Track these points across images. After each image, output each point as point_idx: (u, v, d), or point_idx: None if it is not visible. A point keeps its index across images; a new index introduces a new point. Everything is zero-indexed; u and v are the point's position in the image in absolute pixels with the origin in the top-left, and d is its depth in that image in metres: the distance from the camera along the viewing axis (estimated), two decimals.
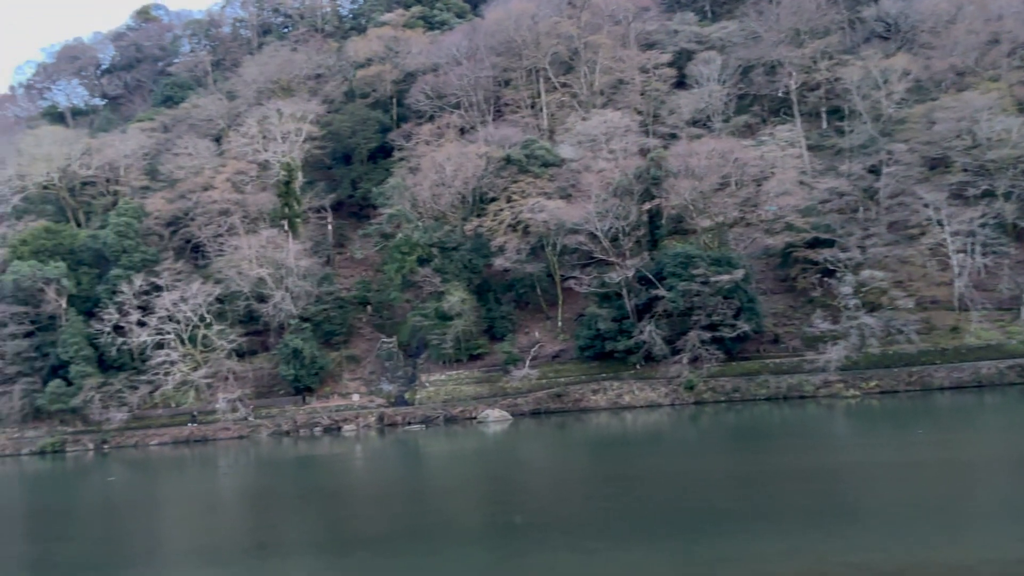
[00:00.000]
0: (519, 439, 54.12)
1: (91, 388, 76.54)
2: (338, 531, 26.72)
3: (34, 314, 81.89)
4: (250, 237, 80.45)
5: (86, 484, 52.89)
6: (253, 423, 74.34)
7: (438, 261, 74.36)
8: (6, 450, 79.64)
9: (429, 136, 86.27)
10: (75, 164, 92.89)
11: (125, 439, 76.46)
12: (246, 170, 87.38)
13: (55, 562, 25.85)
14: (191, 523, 32.28)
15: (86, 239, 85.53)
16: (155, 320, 76.52)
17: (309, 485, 39.70)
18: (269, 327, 79.87)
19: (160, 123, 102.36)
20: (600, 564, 19.83)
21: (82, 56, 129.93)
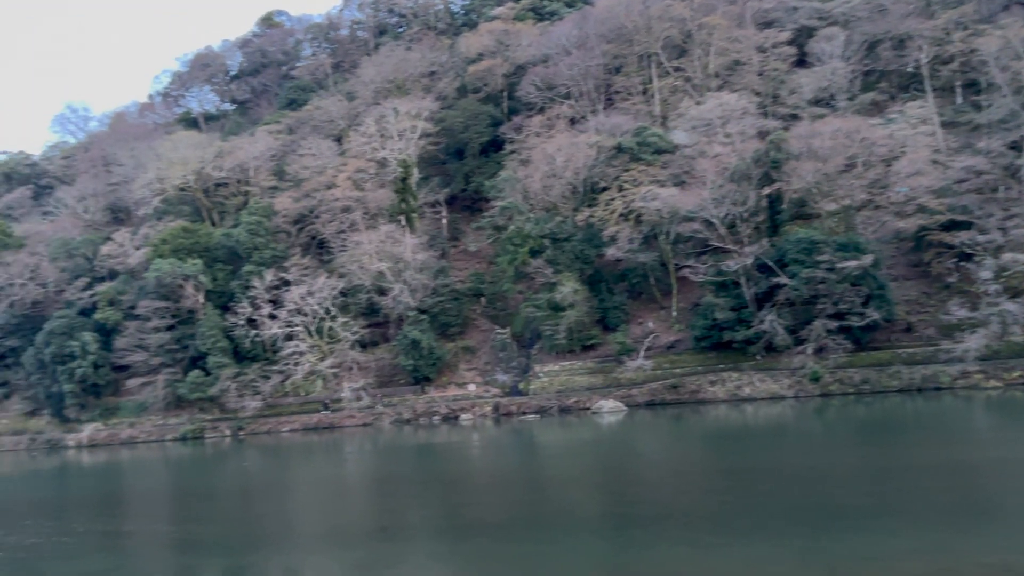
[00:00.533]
0: (634, 430, 53.61)
1: (227, 378, 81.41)
2: (457, 517, 27.32)
3: (175, 309, 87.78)
4: (370, 232, 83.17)
5: (223, 468, 56.31)
6: (377, 411, 76.99)
7: (550, 252, 74.51)
8: (151, 436, 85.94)
9: (539, 128, 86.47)
10: (209, 167, 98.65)
11: (259, 426, 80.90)
12: (365, 168, 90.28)
13: (195, 542, 27.67)
14: (319, 507, 33.80)
15: (220, 237, 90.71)
16: (285, 313, 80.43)
17: (429, 472, 40.78)
18: (389, 319, 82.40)
19: (285, 125, 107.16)
20: (720, 559, 19.42)
21: (212, 64, 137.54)
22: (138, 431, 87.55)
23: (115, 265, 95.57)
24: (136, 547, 27.74)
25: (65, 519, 36.14)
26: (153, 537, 29.56)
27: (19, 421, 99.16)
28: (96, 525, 33.51)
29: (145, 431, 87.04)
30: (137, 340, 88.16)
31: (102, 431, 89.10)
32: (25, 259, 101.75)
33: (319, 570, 21.72)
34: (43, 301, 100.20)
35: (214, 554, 24.99)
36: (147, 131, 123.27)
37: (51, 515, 37.80)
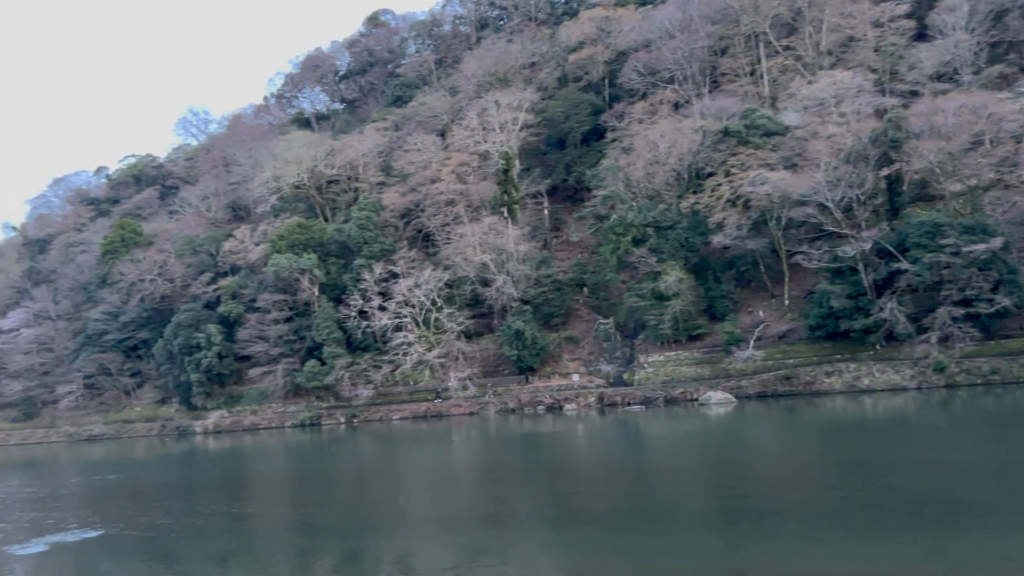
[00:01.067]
0: (745, 422, 52.24)
1: (341, 368, 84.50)
2: (564, 506, 27.41)
3: (292, 301, 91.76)
4: (473, 225, 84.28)
5: (338, 454, 58.44)
6: (483, 400, 78.10)
7: (654, 241, 73.43)
8: (272, 423, 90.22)
9: (642, 114, 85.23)
10: (321, 165, 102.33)
11: (371, 414, 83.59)
12: (468, 161, 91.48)
13: (314, 524, 28.88)
14: (429, 492, 34.62)
15: (333, 232, 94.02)
16: (393, 305, 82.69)
17: (535, 460, 41.06)
18: (493, 310, 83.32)
19: (392, 122, 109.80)
20: (837, 555, 18.71)
21: (322, 65, 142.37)
22: (260, 418, 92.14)
23: (236, 260, 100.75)
24: (258, 529, 29.22)
25: (193, 501, 38.46)
26: (274, 519, 31.05)
27: (151, 408, 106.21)
28: (221, 507, 35.51)
29: (266, 418, 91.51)
30: (258, 331, 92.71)
31: (227, 418, 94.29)
32: (154, 256, 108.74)
33: (431, 555, 22.27)
34: (171, 295, 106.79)
35: (331, 537, 26.01)
36: (263, 132, 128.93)
37: (180, 497, 40.32)
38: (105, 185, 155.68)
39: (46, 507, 39.86)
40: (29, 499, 44.91)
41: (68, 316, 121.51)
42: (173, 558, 24.65)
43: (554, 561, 20.42)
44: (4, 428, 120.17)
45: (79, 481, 53.56)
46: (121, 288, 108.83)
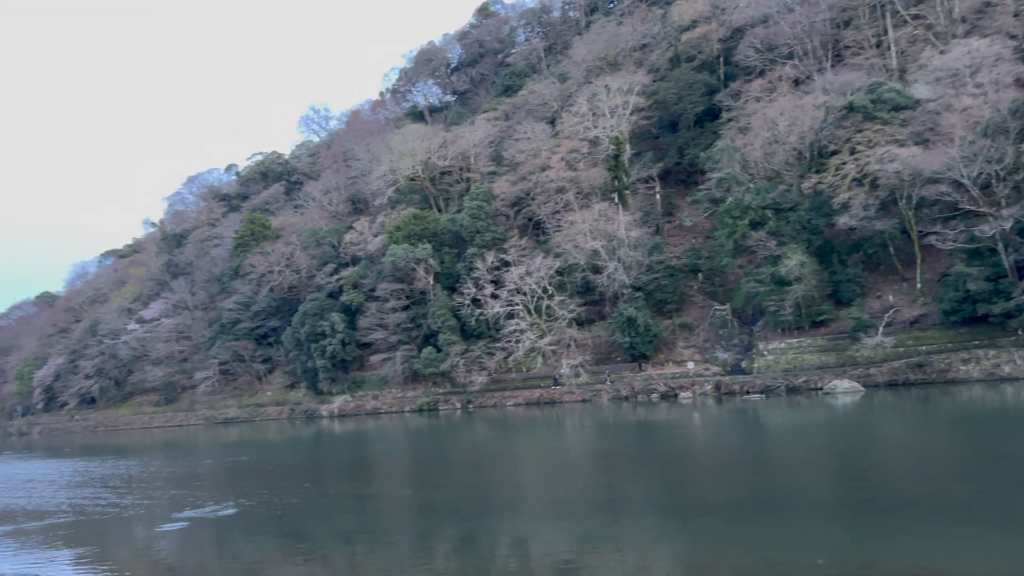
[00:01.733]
0: (873, 412, 49.78)
1: (456, 354, 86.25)
2: (681, 495, 27.00)
3: (408, 290, 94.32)
4: (584, 212, 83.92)
5: (454, 438, 59.75)
6: (595, 388, 77.87)
7: (773, 223, 70.90)
8: (392, 407, 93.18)
9: (759, 92, 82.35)
10: (434, 156, 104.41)
11: (486, 400, 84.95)
12: (578, 148, 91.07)
13: (433, 506, 29.67)
14: (544, 478, 34.88)
15: (446, 222, 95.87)
16: (505, 293, 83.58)
17: (650, 449, 40.62)
18: (604, 297, 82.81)
19: (502, 112, 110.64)
20: (973, 552, 17.58)
21: (435, 58, 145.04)
22: (381, 402, 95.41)
23: (356, 251, 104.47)
24: (381, 509, 30.29)
25: (319, 482, 40.28)
26: (395, 500, 32.11)
27: (281, 393, 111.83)
28: (345, 488, 37.03)
29: (387, 403, 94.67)
30: (377, 319, 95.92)
31: (350, 402, 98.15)
32: (281, 248, 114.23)
33: (546, 540, 22.45)
34: (297, 285, 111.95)
35: (449, 518, 26.65)
36: (380, 126, 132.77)
37: (308, 478, 42.29)
38: (235, 182, 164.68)
39: (185, 486, 42.75)
40: (170, 478, 48.30)
41: (204, 306, 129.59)
42: (302, 535, 25.91)
43: (671, 551, 20.16)
44: (148, 412, 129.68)
45: (215, 462, 57.14)
46: (252, 279, 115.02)
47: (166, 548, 26.57)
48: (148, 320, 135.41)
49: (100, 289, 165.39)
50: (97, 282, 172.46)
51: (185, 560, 24.51)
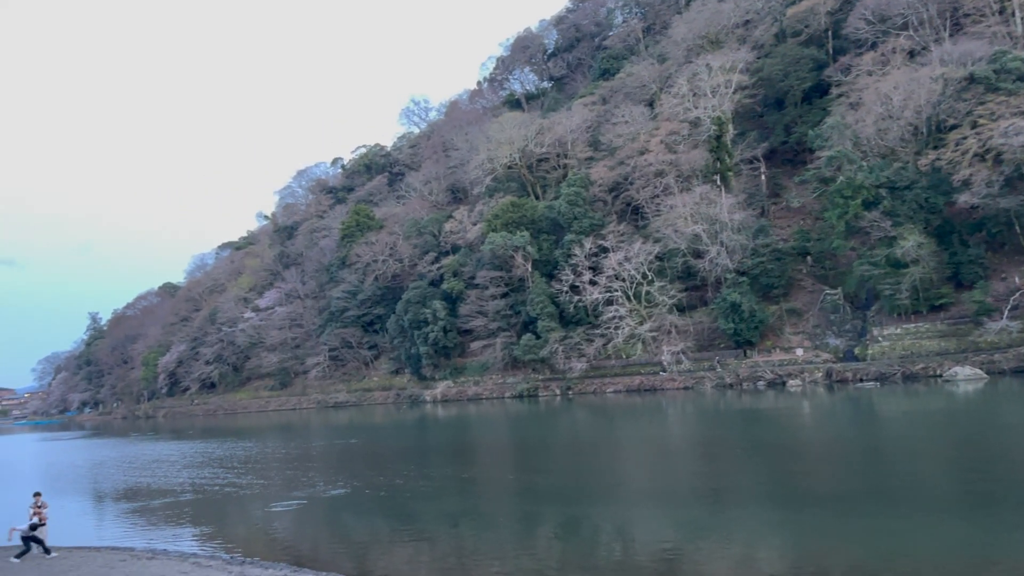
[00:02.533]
0: (999, 400, 46.80)
1: (555, 341, 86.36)
2: (789, 485, 26.16)
3: (507, 278, 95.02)
4: (684, 195, 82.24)
5: (554, 424, 59.89)
6: (698, 375, 76.45)
7: (887, 203, 67.48)
8: (493, 393, 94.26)
9: (871, 65, 78.37)
10: (531, 144, 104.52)
11: (585, 386, 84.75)
12: (678, 130, 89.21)
13: (535, 490, 29.84)
14: (646, 465, 34.52)
15: (544, 209, 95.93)
16: (604, 279, 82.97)
17: (755, 438, 39.55)
18: (707, 282, 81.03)
19: (599, 96, 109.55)
20: None
21: (531, 44, 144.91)
22: (481, 388, 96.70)
23: (456, 240, 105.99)
24: (484, 492, 30.72)
25: (424, 464, 41.19)
26: (497, 484, 32.50)
27: (386, 378, 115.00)
28: (450, 471, 37.74)
29: (488, 388, 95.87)
30: (477, 307, 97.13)
31: (452, 388, 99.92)
32: (385, 238, 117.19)
33: (649, 528, 22.22)
34: (400, 274, 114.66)
35: (552, 503, 26.75)
36: (477, 116, 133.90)
37: (413, 461, 43.33)
38: (341, 175, 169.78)
39: (298, 467, 44.61)
40: (284, 459, 50.50)
41: (314, 295, 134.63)
42: (409, 516, 26.59)
43: (780, 542, 19.57)
44: (263, 396, 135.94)
45: (326, 444, 59.37)
46: (358, 268, 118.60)
47: (281, 526, 27.82)
48: (263, 308, 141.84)
49: (218, 280, 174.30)
50: (215, 273, 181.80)
51: (299, 538, 25.59)
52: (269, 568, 19.55)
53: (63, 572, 19.20)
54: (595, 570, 17.86)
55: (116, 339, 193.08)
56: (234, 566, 19.82)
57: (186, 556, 21.80)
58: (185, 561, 20.63)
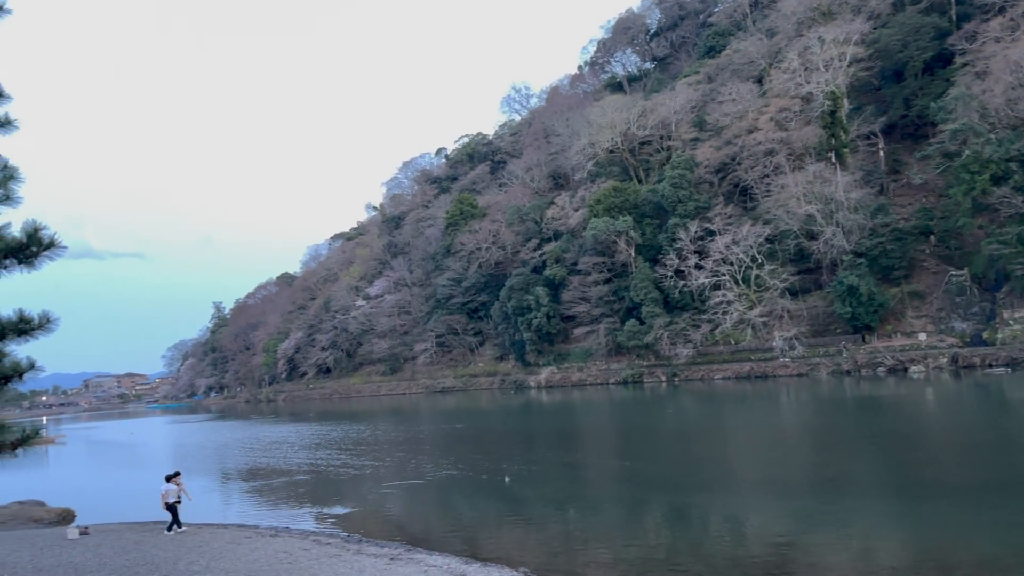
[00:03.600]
0: None
1: (660, 327, 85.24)
2: (912, 476, 24.92)
3: (610, 263, 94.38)
4: (796, 174, 79.36)
5: (660, 411, 59.16)
6: (812, 361, 73.90)
7: (1019, 177, 63.02)
8: (597, 379, 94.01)
9: (1000, 31, 73.15)
10: (633, 127, 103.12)
11: (692, 373, 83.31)
12: (789, 106, 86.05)
13: (641, 477, 29.63)
14: (756, 454, 33.66)
15: (647, 193, 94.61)
16: (710, 263, 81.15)
17: (874, 427, 37.86)
18: (821, 264, 78.04)
19: (704, 75, 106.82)
20: None
21: (633, 25, 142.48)
22: (585, 374, 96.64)
23: (558, 226, 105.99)
24: (589, 478, 30.76)
25: (530, 449, 41.59)
26: (603, 470, 32.46)
27: (491, 364, 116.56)
28: (555, 456, 37.95)
29: (591, 375, 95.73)
30: (580, 293, 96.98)
31: (556, 374, 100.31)
32: (488, 226, 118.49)
33: (761, 519, 21.69)
34: (503, 261, 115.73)
35: (658, 490, 26.51)
36: (578, 100, 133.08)
37: (518, 446, 43.82)
38: (444, 164, 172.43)
39: (408, 449, 45.91)
40: (395, 441, 52.10)
41: (421, 283, 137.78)
42: (515, 500, 26.94)
43: (901, 534, 18.70)
44: (375, 381, 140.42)
45: (434, 428, 60.84)
46: (462, 256, 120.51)
47: (393, 506, 28.75)
48: (373, 297, 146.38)
49: (331, 269, 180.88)
50: (328, 263, 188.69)
51: (411, 518, 26.39)
52: (385, 547, 20.25)
53: (195, 547, 20.51)
54: (705, 560, 17.61)
55: (238, 327, 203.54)
56: (352, 544, 20.64)
57: (307, 534, 22.85)
58: (306, 539, 21.63)
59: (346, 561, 17.83)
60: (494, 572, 16.79)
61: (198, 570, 16.91)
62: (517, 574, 16.68)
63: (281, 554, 18.81)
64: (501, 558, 18.57)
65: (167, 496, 23.40)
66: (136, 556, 18.90)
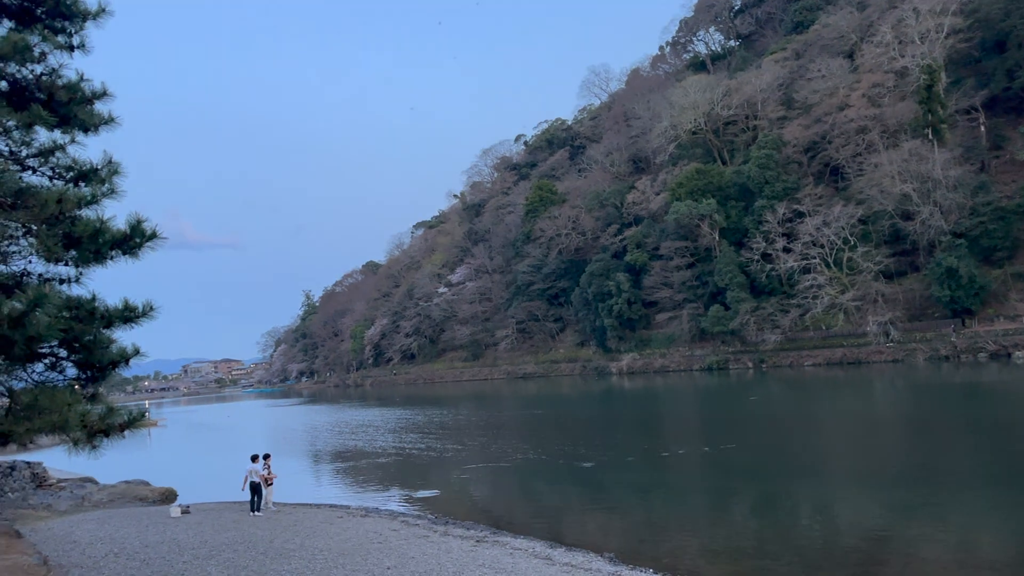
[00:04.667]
0: None
1: (746, 312, 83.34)
2: (1014, 468, 23.67)
3: (693, 247, 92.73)
4: (890, 152, 76.19)
5: (746, 398, 57.93)
6: (908, 347, 71.07)
7: None
8: (680, 366, 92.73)
9: None
10: (717, 107, 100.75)
11: (780, 359, 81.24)
12: (882, 82, 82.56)
13: (727, 465, 29.13)
14: (849, 442, 32.62)
15: (731, 175, 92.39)
16: (799, 246, 78.81)
17: (976, 415, 36.15)
18: (917, 246, 74.81)
19: (791, 51, 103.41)
20: None
21: (716, 3, 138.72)
22: (668, 361, 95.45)
23: (639, 211, 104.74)
24: (674, 465, 30.42)
25: (612, 435, 41.41)
26: (688, 457, 32.05)
27: (572, 350, 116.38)
28: (637, 442, 37.68)
29: (674, 361, 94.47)
30: (662, 278, 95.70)
31: (638, 360, 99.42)
32: (567, 212, 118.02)
33: (854, 509, 21.02)
34: (583, 247, 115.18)
35: (745, 478, 26.02)
36: (660, 82, 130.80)
37: (599, 432, 43.69)
38: (523, 151, 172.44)
39: (490, 434, 46.41)
40: (477, 426, 52.75)
41: (501, 270, 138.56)
42: (597, 486, 26.92)
43: (1002, 528, 17.82)
44: (458, 366, 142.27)
45: (516, 413, 61.29)
46: (542, 243, 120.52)
47: (476, 489, 29.16)
48: (454, 284, 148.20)
49: (414, 257, 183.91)
50: (411, 251, 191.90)
51: (494, 501, 26.72)
52: (471, 529, 20.58)
53: (290, 525, 21.31)
54: (796, 550, 17.20)
55: (327, 314, 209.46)
56: (439, 525, 21.06)
57: (395, 515, 23.43)
58: (395, 520, 22.18)
59: (434, 542, 18.20)
60: (579, 556, 16.85)
61: (293, 548, 17.57)
62: (602, 559, 16.69)
63: (372, 534, 19.35)
64: (586, 543, 18.60)
65: (251, 476, 23.80)
66: (234, 534, 19.77)
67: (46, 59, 12.02)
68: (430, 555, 16.56)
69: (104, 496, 30.41)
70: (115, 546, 18.25)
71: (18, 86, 11.95)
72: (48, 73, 12.10)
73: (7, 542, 11.44)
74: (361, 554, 16.72)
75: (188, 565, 15.86)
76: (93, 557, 16.92)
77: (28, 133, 11.98)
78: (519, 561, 15.99)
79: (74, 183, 12.12)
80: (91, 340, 12.23)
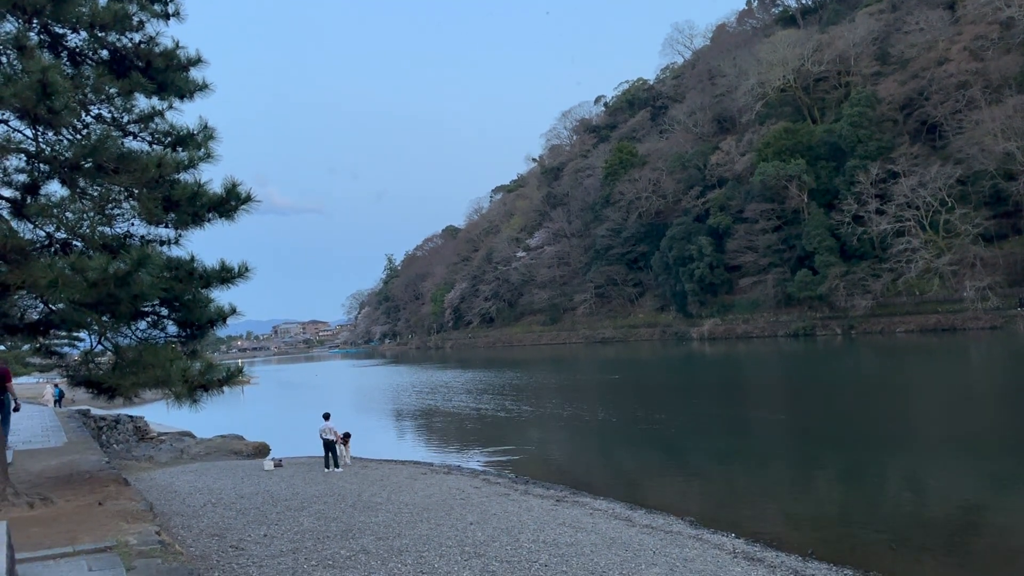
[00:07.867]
0: None
1: (835, 277, 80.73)
2: None
3: (779, 210, 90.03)
4: (993, 108, 71.98)
5: (833, 366, 56.34)
6: (1008, 313, 67.70)
7: None
8: (764, 332, 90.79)
9: None
10: (808, 63, 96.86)
11: (870, 325, 78.61)
12: (985, 34, 77.78)
13: (811, 433, 28.57)
14: (943, 412, 31.45)
15: (822, 134, 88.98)
16: (893, 208, 75.71)
17: None
18: (1020, 207, 70.76)
19: (887, 3, 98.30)
20: None
21: None
22: (751, 326, 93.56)
23: (723, 173, 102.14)
24: (755, 432, 29.98)
25: (690, 401, 41.05)
26: (769, 424, 31.50)
27: (651, 315, 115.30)
28: (718, 409, 37.25)
29: (758, 327, 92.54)
30: (746, 242, 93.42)
31: (720, 326, 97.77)
32: (648, 175, 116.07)
33: (945, 480, 20.33)
34: (664, 211, 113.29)
35: (830, 447, 25.45)
36: (747, 38, 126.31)
37: (678, 397, 43.35)
38: (603, 113, 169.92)
39: (568, 397, 46.64)
40: (555, 388, 53.10)
41: (579, 234, 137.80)
42: (677, 451, 26.81)
43: None
44: (536, 330, 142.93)
45: (593, 377, 61.35)
46: (621, 206, 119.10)
47: (554, 451, 29.46)
48: (533, 248, 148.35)
49: (493, 221, 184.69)
50: (490, 215, 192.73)
51: (572, 463, 26.96)
52: (551, 489, 20.87)
53: (377, 480, 22.04)
54: (883, 519, 16.79)
55: (408, 277, 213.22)
56: (519, 484, 21.42)
57: (477, 473, 23.95)
58: (476, 477, 22.67)
59: (514, 500, 18.54)
60: (659, 519, 16.88)
61: (380, 501, 18.18)
62: (683, 522, 16.68)
63: (455, 490, 19.84)
64: (666, 506, 18.61)
65: (324, 434, 24.42)
66: (324, 488, 20.58)
67: (144, 27, 12.47)
68: (511, 512, 16.87)
69: (201, 449, 32.06)
70: (212, 496, 19.27)
71: (118, 54, 12.47)
72: (146, 41, 12.56)
73: (117, 488, 12.29)
74: (445, 509, 17.18)
75: (281, 515, 16.63)
76: (192, 506, 17.92)
77: (128, 100, 12.51)
78: (599, 521, 16.14)
79: (172, 148, 12.62)
80: (190, 299, 12.81)
